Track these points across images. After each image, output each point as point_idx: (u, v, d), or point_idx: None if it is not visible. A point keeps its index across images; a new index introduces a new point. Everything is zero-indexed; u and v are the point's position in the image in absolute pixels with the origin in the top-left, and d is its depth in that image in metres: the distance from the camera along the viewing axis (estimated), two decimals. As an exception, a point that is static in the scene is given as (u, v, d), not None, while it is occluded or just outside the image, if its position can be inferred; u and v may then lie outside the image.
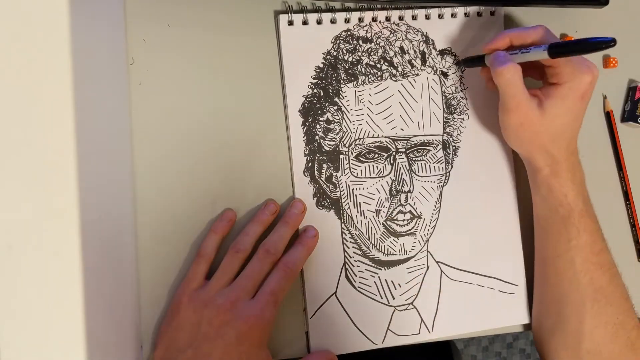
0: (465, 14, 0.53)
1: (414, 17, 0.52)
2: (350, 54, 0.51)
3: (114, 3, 0.47)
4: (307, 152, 0.51)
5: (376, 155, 0.51)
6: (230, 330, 0.44)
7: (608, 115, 0.58)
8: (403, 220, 0.52)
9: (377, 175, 0.51)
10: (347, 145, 0.51)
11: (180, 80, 0.49)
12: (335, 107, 0.51)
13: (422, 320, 0.52)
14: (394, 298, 0.52)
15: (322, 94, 0.51)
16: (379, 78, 0.51)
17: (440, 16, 0.53)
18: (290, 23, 0.50)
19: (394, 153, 0.52)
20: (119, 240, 0.44)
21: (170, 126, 0.49)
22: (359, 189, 0.51)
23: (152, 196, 0.49)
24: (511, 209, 0.54)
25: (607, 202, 0.57)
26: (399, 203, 0.52)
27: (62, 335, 0.31)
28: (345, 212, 0.51)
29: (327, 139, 0.51)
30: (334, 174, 0.51)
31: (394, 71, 0.52)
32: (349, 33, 0.51)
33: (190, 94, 0.50)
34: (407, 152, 0.52)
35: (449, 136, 0.53)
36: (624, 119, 0.58)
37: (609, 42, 0.42)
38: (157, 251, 0.49)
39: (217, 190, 0.50)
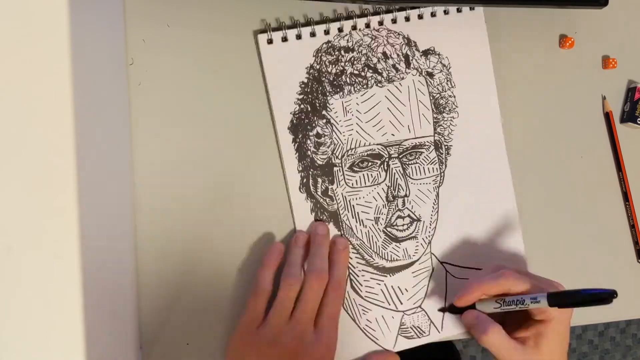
0: (444, 11, 0.53)
1: (393, 21, 0.52)
2: (334, 65, 0.51)
3: (113, 3, 0.47)
4: (300, 169, 0.51)
5: (369, 164, 0.51)
6: None
7: (607, 116, 0.58)
8: (403, 225, 0.52)
9: (372, 183, 0.51)
10: (339, 157, 0.51)
11: (180, 81, 0.50)
12: (324, 121, 0.51)
13: (431, 321, 0.52)
14: (401, 303, 0.52)
15: (309, 109, 0.51)
16: (365, 86, 0.51)
17: (419, 17, 0.53)
18: (270, 42, 0.50)
19: (387, 159, 0.52)
20: (118, 240, 0.44)
21: (169, 126, 0.49)
22: (356, 198, 0.51)
23: (151, 196, 0.49)
24: (509, 200, 0.54)
25: (607, 203, 0.57)
26: (397, 208, 0.52)
27: (61, 335, 0.31)
28: (344, 224, 0.51)
29: (319, 153, 0.51)
30: (330, 187, 0.51)
31: (379, 77, 0.52)
32: (330, 44, 0.51)
33: (190, 94, 0.50)
34: (400, 156, 0.52)
35: (440, 136, 0.53)
36: (623, 120, 0.58)
37: (611, 295, 0.42)
38: (156, 251, 0.49)
39: (216, 190, 0.50)
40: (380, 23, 0.52)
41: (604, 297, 0.42)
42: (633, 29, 0.59)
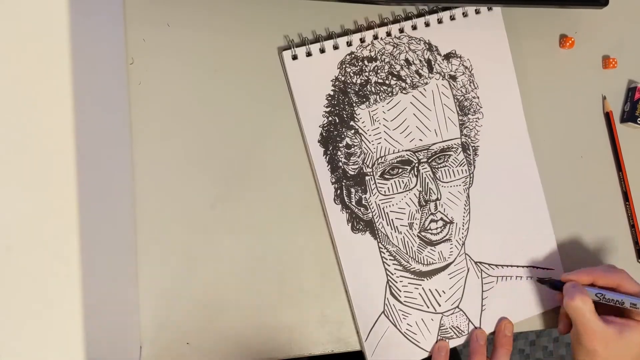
0: (463, 14, 0.54)
1: (414, 27, 0.53)
2: (358, 76, 0.52)
3: (113, 3, 0.47)
4: (333, 180, 0.51)
5: (400, 170, 0.52)
6: None
7: (607, 116, 0.58)
8: (436, 228, 0.52)
9: (404, 189, 0.52)
10: (370, 165, 0.52)
11: (180, 80, 0.50)
12: (353, 131, 0.52)
13: (469, 320, 0.53)
14: (440, 305, 0.52)
15: (337, 121, 0.52)
16: (390, 94, 0.52)
17: (439, 21, 0.54)
18: (295, 57, 0.51)
19: (416, 164, 0.52)
20: (118, 240, 0.44)
21: (169, 126, 0.50)
22: (389, 206, 0.52)
23: (152, 196, 0.49)
24: (538, 194, 0.55)
25: (607, 203, 0.58)
26: (430, 212, 0.52)
27: (61, 335, 0.32)
28: (380, 232, 0.52)
29: (350, 164, 0.52)
30: (363, 196, 0.52)
31: (403, 84, 0.52)
32: (353, 56, 0.52)
33: (190, 94, 0.50)
34: (429, 160, 0.52)
35: (467, 137, 0.54)
36: (623, 120, 0.58)
37: None
38: (157, 251, 0.49)
39: (217, 190, 0.50)
40: (401, 30, 0.53)
41: None
42: (633, 29, 0.59)
